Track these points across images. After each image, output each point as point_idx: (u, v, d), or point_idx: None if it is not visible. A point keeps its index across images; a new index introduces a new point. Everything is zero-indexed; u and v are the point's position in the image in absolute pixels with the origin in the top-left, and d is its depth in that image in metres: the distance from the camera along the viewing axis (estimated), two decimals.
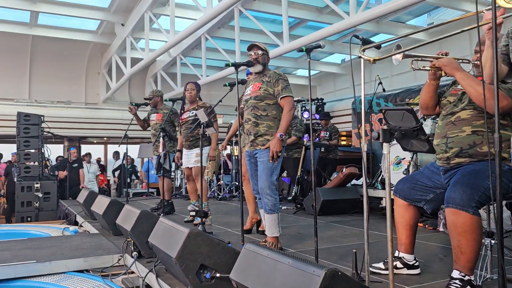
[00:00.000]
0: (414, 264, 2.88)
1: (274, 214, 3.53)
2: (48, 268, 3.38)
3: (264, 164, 3.50)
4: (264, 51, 3.75)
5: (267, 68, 3.78)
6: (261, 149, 3.55)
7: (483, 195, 2.33)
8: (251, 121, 3.61)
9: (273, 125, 3.58)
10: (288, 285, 1.73)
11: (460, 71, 2.45)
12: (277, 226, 3.56)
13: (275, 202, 3.52)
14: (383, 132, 1.86)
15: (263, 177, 3.49)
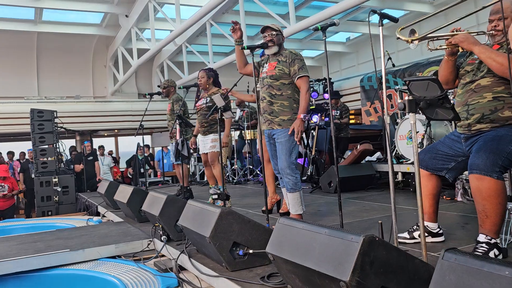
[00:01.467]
0: (438, 232, 2.96)
1: (296, 192, 3.61)
2: (82, 256, 3.51)
3: (283, 144, 3.56)
4: (278, 31, 3.75)
5: (283, 48, 3.80)
6: (278, 129, 3.60)
7: (506, 160, 2.38)
8: (266, 100, 3.67)
9: (288, 104, 3.61)
10: (327, 253, 1.81)
11: (478, 45, 2.47)
12: (300, 204, 3.64)
13: (296, 181, 3.59)
14: (409, 103, 1.92)
15: (282, 157, 3.56)
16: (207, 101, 5.23)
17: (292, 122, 3.57)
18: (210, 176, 5.46)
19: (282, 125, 3.59)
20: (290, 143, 3.55)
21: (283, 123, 3.59)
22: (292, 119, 3.59)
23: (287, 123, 3.58)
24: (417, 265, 1.78)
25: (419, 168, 2.03)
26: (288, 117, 3.59)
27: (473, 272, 1.31)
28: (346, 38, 13.76)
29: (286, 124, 3.58)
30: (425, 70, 8.53)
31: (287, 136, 3.55)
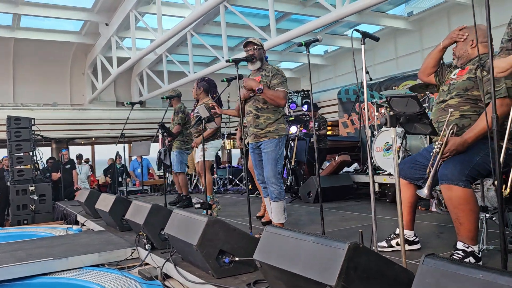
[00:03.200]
0: (414, 240, 3.10)
1: (280, 201, 3.73)
2: (65, 264, 3.51)
3: (269, 154, 3.69)
4: (260, 46, 3.87)
5: (265, 63, 3.92)
6: (264, 140, 3.73)
7: (473, 170, 2.55)
8: (252, 113, 3.78)
9: (273, 116, 3.74)
10: (314, 259, 1.91)
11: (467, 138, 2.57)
12: (283, 213, 3.75)
13: (280, 190, 3.72)
14: (390, 118, 2.05)
15: (268, 167, 3.68)
16: (196, 111, 5.36)
17: (278, 132, 3.71)
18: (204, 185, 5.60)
19: (268, 136, 3.72)
20: (276, 153, 3.67)
21: (269, 134, 3.72)
22: (278, 129, 3.72)
23: (273, 134, 3.71)
24: (397, 270, 1.90)
25: (399, 178, 2.16)
26: (273, 127, 3.72)
27: (450, 276, 1.43)
28: (324, 51, 14.03)
29: (272, 134, 3.71)
30: (401, 84, 8.81)
31: (273, 146, 3.68)
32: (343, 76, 13.23)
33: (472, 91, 2.69)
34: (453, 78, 2.84)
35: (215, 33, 10.88)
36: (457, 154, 2.58)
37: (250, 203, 3.82)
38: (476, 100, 2.69)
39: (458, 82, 2.77)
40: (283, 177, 7.73)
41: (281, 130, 3.76)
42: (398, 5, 10.58)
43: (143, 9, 10.10)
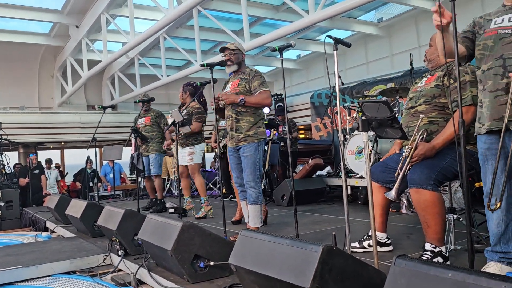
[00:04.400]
0: (386, 242, 3.18)
1: (258, 205, 3.75)
2: (35, 272, 3.43)
3: (248, 158, 3.71)
4: (236, 50, 3.88)
5: (244, 66, 3.94)
6: (244, 144, 3.74)
7: (440, 174, 2.65)
8: (232, 117, 3.79)
9: (253, 120, 3.77)
10: (289, 262, 1.94)
11: (436, 144, 2.67)
12: (259, 217, 3.78)
13: (258, 194, 3.74)
14: (362, 123, 2.10)
15: (248, 170, 3.70)
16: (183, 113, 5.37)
17: (257, 136, 3.74)
18: (185, 187, 5.62)
19: (247, 140, 3.74)
20: (255, 157, 3.70)
21: (248, 138, 3.74)
22: (257, 132, 3.76)
23: (252, 138, 3.73)
24: (370, 272, 1.94)
25: (371, 181, 2.21)
26: (253, 131, 3.75)
27: (421, 276, 1.48)
28: (297, 56, 14.16)
29: (251, 138, 3.73)
30: (372, 88, 8.97)
31: (252, 150, 3.70)
32: (315, 80, 13.38)
33: (439, 99, 2.79)
34: (421, 86, 2.95)
35: (188, 37, 10.83)
36: (425, 159, 2.66)
37: (225, 207, 3.84)
38: (443, 107, 2.79)
39: (426, 89, 2.86)
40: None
41: (260, 134, 3.79)
42: (368, 12, 10.80)
43: (114, 12, 9.97)
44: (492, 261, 2.30)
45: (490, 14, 2.32)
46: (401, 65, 9.62)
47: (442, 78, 2.79)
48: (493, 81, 2.18)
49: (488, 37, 2.23)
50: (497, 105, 2.17)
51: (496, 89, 2.16)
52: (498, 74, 2.16)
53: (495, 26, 2.22)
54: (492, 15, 2.29)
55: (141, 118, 6.38)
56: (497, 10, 2.29)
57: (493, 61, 2.19)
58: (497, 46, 2.18)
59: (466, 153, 2.13)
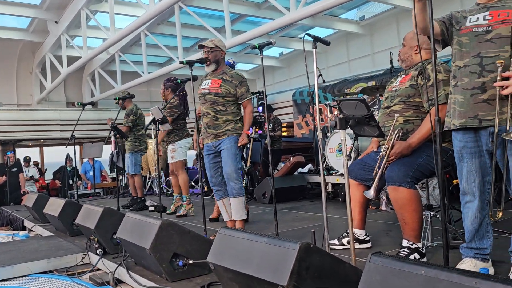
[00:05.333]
0: (365, 239, 3.21)
1: (241, 197, 3.78)
2: (11, 272, 3.37)
3: (229, 150, 3.72)
4: (214, 47, 3.83)
5: (223, 65, 3.92)
6: (223, 138, 3.76)
7: (417, 171, 2.69)
8: (210, 115, 3.79)
9: (232, 118, 3.79)
10: (266, 260, 1.94)
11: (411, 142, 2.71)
12: (244, 209, 3.81)
13: (240, 185, 3.77)
14: (339, 121, 2.11)
15: (229, 162, 3.71)
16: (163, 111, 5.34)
17: (236, 131, 3.77)
18: (175, 185, 5.58)
19: (227, 134, 3.76)
20: (235, 149, 3.73)
21: (228, 132, 3.77)
22: (236, 127, 3.78)
23: (232, 132, 3.76)
24: (347, 269, 1.96)
25: (349, 179, 2.22)
26: (232, 126, 3.77)
27: (395, 272, 1.49)
28: (279, 53, 14.18)
29: (231, 132, 3.76)
30: (353, 86, 9.05)
31: (232, 142, 3.73)
32: (297, 78, 13.42)
33: (414, 98, 2.83)
34: (396, 85, 2.98)
35: (169, 33, 10.75)
36: (402, 157, 2.70)
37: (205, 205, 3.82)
38: (418, 107, 2.83)
39: (401, 89, 2.89)
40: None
41: (239, 129, 3.81)
42: (350, 10, 10.86)
43: (94, 7, 9.83)
44: (467, 257, 2.34)
45: (466, 11, 2.34)
46: (382, 64, 9.72)
47: (416, 77, 2.83)
48: (469, 79, 2.20)
49: (463, 34, 2.26)
50: (472, 103, 2.19)
51: (473, 87, 2.19)
52: (475, 72, 2.18)
53: (470, 24, 2.24)
54: (467, 12, 2.32)
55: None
56: (472, 8, 2.32)
57: (469, 59, 2.21)
58: (473, 43, 2.21)
59: (442, 150, 2.16)
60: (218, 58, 3.86)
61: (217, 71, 3.87)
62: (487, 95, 2.14)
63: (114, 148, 5.14)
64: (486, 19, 2.19)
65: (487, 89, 2.14)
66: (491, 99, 2.13)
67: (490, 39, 2.15)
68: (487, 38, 2.16)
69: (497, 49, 2.12)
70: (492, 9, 2.20)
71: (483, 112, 2.15)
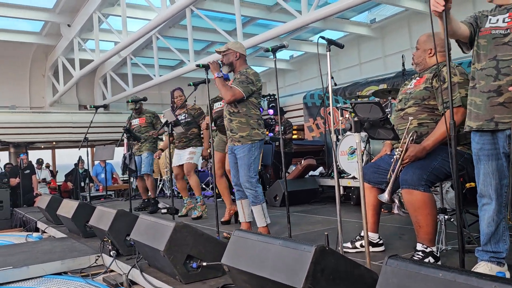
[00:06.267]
0: (378, 242, 3.19)
1: (258, 205, 3.73)
2: (26, 273, 3.40)
3: (242, 160, 3.69)
4: (227, 51, 3.80)
5: (242, 65, 3.82)
6: (238, 145, 3.73)
7: (431, 175, 2.67)
8: (226, 117, 3.80)
9: (245, 121, 3.70)
10: (281, 262, 1.94)
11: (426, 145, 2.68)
12: (263, 217, 3.76)
13: (256, 194, 3.71)
14: (354, 124, 2.11)
15: (242, 172, 3.70)
16: (185, 116, 5.40)
17: (250, 137, 3.68)
18: (182, 188, 5.63)
19: (241, 141, 3.70)
20: (248, 158, 3.67)
21: (242, 139, 3.70)
22: (250, 134, 3.69)
23: (246, 139, 3.69)
24: (362, 272, 1.95)
25: (363, 182, 2.22)
26: (246, 133, 3.69)
27: (412, 275, 1.49)
28: (290, 56, 14.19)
29: (245, 140, 3.69)
30: (364, 89, 9.01)
31: (246, 151, 3.67)
32: (308, 81, 13.41)
33: (429, 101, 2.81)
34: (410, 88, 2.96)
35: (181, 37, 10.81)
36: (416, 160, 2.68)
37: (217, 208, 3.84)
38: (432, 109, 2.81)
39: (416, 92, 2.88)
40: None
41: (255, 135, 3.70)
42: (361, 13, 10.84)
43: (107, 11, 9.93)
44: (482, 260, 2.32)
45: (488, 11, 2.32)
46: (393, 66, 9.67)
47: (431, 80, 2.81)
48: (485, 82, 2.19)
49: (482, 36, 2.24)
50: (489, 106, 2.18)
51: (489, 91, 2.18)
52: (491, 76, 2.17)
53: (489, 25, 2.23)
54: (489, 12, 2.30)
55: (135, 119, 6.37)
56: (494, 9, 2.30)
57: (486, 62, 2.20)
58: (490, 46, 2.19)
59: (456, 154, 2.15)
60: (232, 60, 3.80)
61: (234, 72, 3.84)
62: (503, 98, 2.13)
63: (127, 150, 5.17)
64: (505, 21, 2.18)
65: (503, 92, 2.13)
66: (507, 102, 2.12)
67: (507, 42, 2.13)
68: (504, 41, 2.15)
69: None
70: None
71: (499, 115, 2.14)
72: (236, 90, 3.62)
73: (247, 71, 3.76)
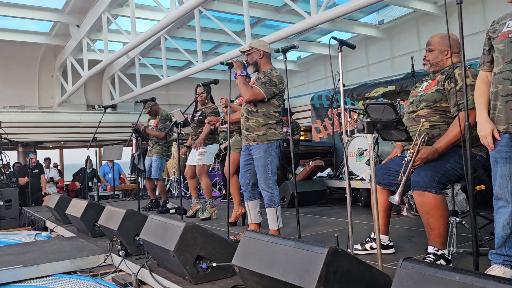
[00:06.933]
0: (388, 244, 3.17)
1: (272, 208, 3.64)
2: (35, 272, 3.42)
3: (258, 160, 3.59)
4: (251, 50, 3.71)
5: (265, 65, 3.74)
6: (254, 145, 3.63)
7: (443, 177, 2.65)
8: (244, 116, 3.71)
9: (262, 121, 3.59)
10: (293, 264, 1.93)
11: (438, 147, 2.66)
12: (275, 220, 3.66)
13: (271, 197, 3.62)
14: (367, 124, 2.09)
15: (258, 173, 3.60)
16: (199, 114, 5.41)
17: (266, 137, 3.58)
18: (193, 188, 5.59)
19: (257, 141, 3.60)
20: (265, 159, 3.56)
21: (257, 138, 3.60)
22: (266, 134, 3.59)
23: (262, 139, 3.58)
24: (375, 274, 1.94)
25: (375, 184, 2.20)
26: (262, 132, 3.58)
27: (427, 278, 1.47)
28: (297, 57, 14.18)
29: (261, 139, 3.58)
30: (372, 90, 8.97)
31: (262, 152, 3.56)
32: (315, 82, 13.39)
33: (441, 103, 2.79)
34: (421, 90, 2.94)
35: (189, 37, 10.84)
36: (428, 162, 2.66)
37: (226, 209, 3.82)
38: (445, 112, 2.79)
39: (427, 94, 2.85)
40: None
41: (271, 135, 3.60)
42: (369, 14, 10.82)
43: (116, 11, 9.98)
44: (495, 263, 2.29)
45: (506, 16, 2.31)
46: (402, 68, 9.64)
47: (443, 82, 2.79)
48: (503, 86, 2.18)
49: (500, 41, 2.23)
50: (509, 110, 2.17)
51: (507, 94, 2.17)
52: (509, 79, 2.16)
53: (507, 29, 2.21)
54: (508, 16, 2.28)
55: (151, 120, 6.43)
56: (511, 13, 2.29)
57: (503, 65, 2.19)
58: (508, 49, 2.18)
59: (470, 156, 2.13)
60: (256, 59, 3.70)
61: (259, 72, 3.75)
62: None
63: (135, 150, 5.18)
64: None
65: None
66: None
67: None
68: None
69: None
70: None
71: None
72: (256, 90, 3.54)
73: (272, 72, 3.66)
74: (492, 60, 2.35)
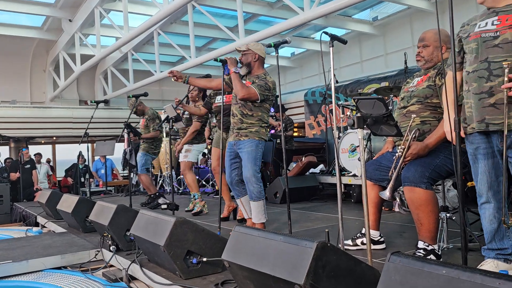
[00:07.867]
0: (379, 240, 3.18)
1: (260, 201, 3.73)
2: (26, 267, 3.40)
3: (249, 153, 3.66)
4: (247, 51, 3.77)
5: (260, 68, 3.82)
6: (244, 140, 3.71)
7: (434, 172, 2.66)
8: (237, 117, 3.76)
9: (256, 123, 3.72)
10: (282, 258, 1.93)
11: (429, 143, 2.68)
12: (263, 213, 3.77)
13: (260, 189, 3.71)
14: (357, 119, 2.09)
15: (248, 165, 3.66)
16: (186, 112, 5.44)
17: (258, 134, 3.70)
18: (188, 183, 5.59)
19: (248, 136, 3.69)
20: (256, 152, 3.66)
21: (250, 134, 3.70)
22: (259, 132, 3.71)
23: (254, 134, 3.69)
24: (364, 269, 1.94)
25: (366, 180, 2.21)
26: (255, 129, 3.70)
27: (415, 272, 1.48)
28: (291, 53, 14.14)
29: (253, 135, 3.69)
30: (366, 86, 8.99)
31: (253, 146, 3.66)
32: (309, 78, 13.37)
33: (431, 99, 2.80)
34: (412, 86, 2.95)
35: (182, 33, 10.78)
36: (419, 158, 2.67)
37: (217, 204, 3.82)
38: (435, 107, 2.80)
39: (418, 90, 2.86)
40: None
41: (262, 134, 3.74)
42: (363, 10, 10.80)
43: (108, 6, 9.90)
44: (489, 258, 2.32)
45: (476, 17, 2.34)
46: (395, 64, 9.64)
47: (434, 78, 2.80)
48: (477, 84, 2.21)
49: (472, 40, 2.27)
50: (480, 108, 2.20)
51: (481, 92, 2.20)
52: (483, 77, 2.19)
53: (479, 29, 2.25)
54: (478, 18, 2.32)
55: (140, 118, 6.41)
56: (483, 13, 2.32)
57: (477, 64, 2.22)
58: (481, 49, 2.21)
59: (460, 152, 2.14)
60: (250, 61, 3.78)
61: (251, 74, 3.82)
62: (494, 99, 2.15)
63: (127, 146, 5.15)
64: (494, 24, 2.20)
65: (495, 93, 2.15)
66: (498, 103, 2.14)
67: (498, 44, 2.16)
68: (494, 43, 2.17)
69: (504, 54, 2.13)
70: (501, 14, 2.20)
71: (490, 116, 2.17)
72: (252, 90, 3.63)
73: (267, 78, 3.75)
74: (462, 62, 2.39)
